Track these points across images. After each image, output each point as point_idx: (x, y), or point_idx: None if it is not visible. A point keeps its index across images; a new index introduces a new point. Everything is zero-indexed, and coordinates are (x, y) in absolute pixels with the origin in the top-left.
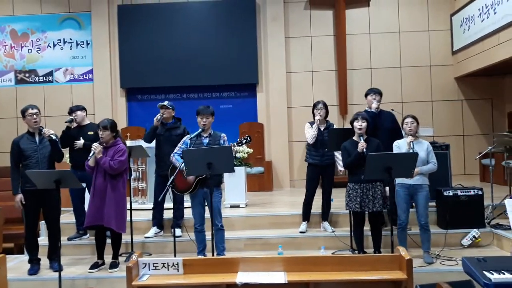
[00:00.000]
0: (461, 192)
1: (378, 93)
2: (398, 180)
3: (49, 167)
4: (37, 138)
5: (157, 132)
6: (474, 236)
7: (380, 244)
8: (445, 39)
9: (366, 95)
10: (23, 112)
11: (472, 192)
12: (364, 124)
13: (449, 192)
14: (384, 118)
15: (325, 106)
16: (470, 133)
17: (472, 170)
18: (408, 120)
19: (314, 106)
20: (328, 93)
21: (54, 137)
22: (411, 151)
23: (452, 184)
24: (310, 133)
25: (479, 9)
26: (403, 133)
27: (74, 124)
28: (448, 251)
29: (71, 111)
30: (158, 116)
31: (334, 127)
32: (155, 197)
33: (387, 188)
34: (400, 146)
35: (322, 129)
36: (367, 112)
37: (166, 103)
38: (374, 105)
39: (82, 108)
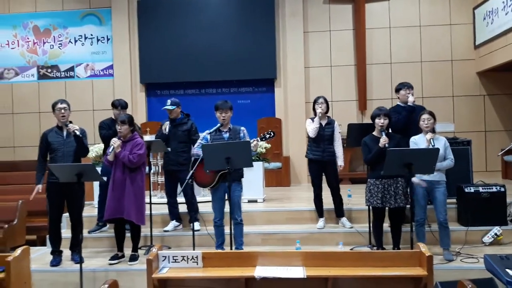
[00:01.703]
0: (482, 188)
1: (411, 87)
2: (416, 176)
3: (74, 162)
4: (64, 132)
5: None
6: (495, 234)
7: (399, 240)
8: (467, 33)
9: (397, 90)
10: (53, 106)
11: (494, 189)
12: (386, 121)
13: (470, 189)
14: (417, 112)
15: (326, 101)
16: (492, 129)
17: (494, 167)
18: (425, 116)
19: (315, 101)
20: (347, 88)
21: (78, 133)
22: (430, 147)
23: (473, 181)
24: (311, 127)
25: (503, 2)
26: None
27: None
28: (469, 248)
29: (121, 106)
30: (167, 128)
31: (336, 124)
32: (166, 191)
33: (414, 179)
34: (417, 142)
35: (323, 125)
36: (401, 107)
37: (168, 104)
38: (411, 99)
39: (127, 105)
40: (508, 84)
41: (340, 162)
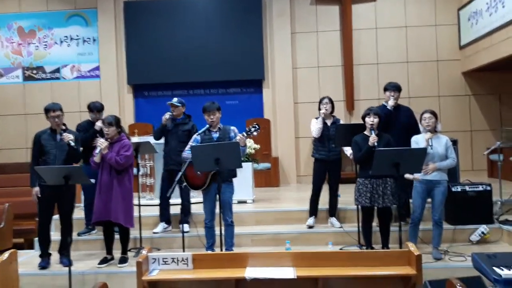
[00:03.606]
0: (469, 187)
1: (397, 89)
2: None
3: (66, 165)
4: (58, 136)
5: (167, 127)
6: (482, 232)
7: (388, 239)
8: (453, 34)
9: (385, 90)
10: (46, 111)
11: (480, 188)
12: (376, 120)
13: (457, 188)
14: (400, 113)
15: (331, 101)
16: (478, 128)
17: (480, 166)
18: (426, 115)
19: (320, 101)
20: (335, 89)
21: (72, 143)
22: (429, 147)
23: (460, 180)
24: (315, 127)
25: (487, 3)
26: (421, 128)
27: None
28: (457, 247)
29: (96, 109)
30: (167, 115)
31: (341, 122)
32: (161, 192)
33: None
34: (418, 141)
35: (329, 124)
36: (384, 107)
37: (174, 100)
38: (390, 103)
39: (103, 108)
40: (493, 84)
41: (350, 153)
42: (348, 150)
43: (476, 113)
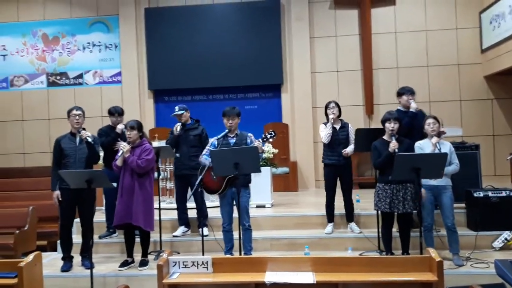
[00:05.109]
0: (492, 193)
1: (413, 93)
2: (422, 182)
3: (86, 168)
4: (77, 139)
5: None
6: (506, 239)
7: (408, 245)
8: (474, 37)
9: (400, 94)
10: (68, 112)
11: (503, 194)
12: (397, 125)
13: (479, 193)
14: (419, 118)
15: (338, 105)
16: (500, 133)
17: (503, 171)
18: (430, 121)
19: (326, 106)
20: (354, 93)
21: (90, 140)
22: (436, 151)
23: (482, 185)
24: (324, 133)
25: (510, 6)
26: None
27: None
28: (479, 253)
29: (117, 113)
30: (178, 128)
31: (350, 126)
32: (176, 197)
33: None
34: (422, 146)
35: (337, 129)
36: (402, 112)
37: (176, 110)
38: (414, 105)
39: (123, 112)
40: None
41: (348, 150)
42: (351, 142)
43: (498, 117)
